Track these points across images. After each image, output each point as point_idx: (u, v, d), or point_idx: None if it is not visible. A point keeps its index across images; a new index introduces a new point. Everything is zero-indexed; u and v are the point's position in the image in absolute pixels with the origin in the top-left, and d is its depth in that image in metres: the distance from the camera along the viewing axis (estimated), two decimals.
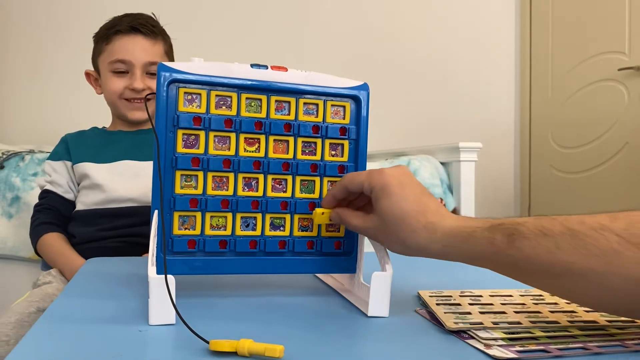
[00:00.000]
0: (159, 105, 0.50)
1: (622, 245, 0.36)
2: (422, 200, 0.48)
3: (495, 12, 2.56)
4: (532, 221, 0.41)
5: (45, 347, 0.39)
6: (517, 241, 0.41)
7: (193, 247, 0.52)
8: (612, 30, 2.21)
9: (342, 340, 0.43)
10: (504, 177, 2.59)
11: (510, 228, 0.41)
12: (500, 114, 2.58)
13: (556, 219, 0.40)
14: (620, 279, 0.37)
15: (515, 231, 0.41)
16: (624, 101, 2.17)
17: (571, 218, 0.39)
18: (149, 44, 1.15)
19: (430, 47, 2.42)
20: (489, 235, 0.43)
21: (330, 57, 2.26)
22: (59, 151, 1.16)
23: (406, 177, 0.49)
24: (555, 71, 2.46)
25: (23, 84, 1.96)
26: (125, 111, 1.16)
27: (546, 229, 0.39)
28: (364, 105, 0.57)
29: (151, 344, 0.41)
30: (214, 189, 0.53)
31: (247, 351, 0.37)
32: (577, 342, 0.42)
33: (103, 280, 0.63)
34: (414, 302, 0.55)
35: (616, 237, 0.36)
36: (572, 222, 0.39)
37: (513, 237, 0.41)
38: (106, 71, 1.15)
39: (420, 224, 0.46)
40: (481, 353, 0.39)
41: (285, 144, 0.55)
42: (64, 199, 1.12)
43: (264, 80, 0.53)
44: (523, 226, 0.41)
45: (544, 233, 0.39)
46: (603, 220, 0.37)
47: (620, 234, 0.36)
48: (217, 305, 0.52)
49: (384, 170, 0.50)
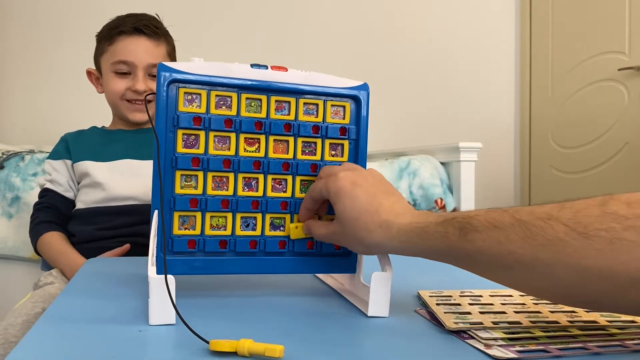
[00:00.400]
0: (159, 105, 0.50)
1: (568, 235, 0.36)
2: (375, 199, 0.48)
3: (495, 12, 2.56)
4: (483, 214, 0.41)
5: (45, 347, 0.38)
6: (469, 234, 0.41)
7: (193, 247, 0.52)
8: (612, 30, 2.21)
9: (342, 340, 0.43)
10: (504, 177, 2.59)
11: (462, 222, 0.42)
12: (500, 114, 2.58)
13: (507, 210, 0.40)
14: (566, 269, 0.36)
15: (467, 224, 0.41)
16: (624, 101, 2.17)
17: (522, 209, 0.39)
18: (152, 45, 1.14)
19: (430, 47, 2.42)
20: (442, 229, 0.43)
21: (330, 57, 2.26)
22: (58, 150, 1.16)
23: (360, 177, 0.50)
24: (555, 71, 2.46)
25: (23, 84, 1.96)
26: (126, 112, 1.16)
27: (497, 221, 0.40)
28: (364, 105, 0.57)
29: (151, 344, 0.41)
30: (214, 189, 0.53)
31: (247, 351, 0.37)
32: (577, 342, 0.42)
33: (103, 280, 0.63)
34: (414, 302, 0.55)
35: (563, 226, 0.36)
36: (522, 213, 0.39)
37: (465, 231, 0.41)
38: (108, 71, 1.14)
39: (375, 224, 0.47)
40: (481, 353, 0.39)
41: (285, 144, 0.55)
42: (64, 198, 1.12)
43: (264, 80, 0.53)
44: (475, 219, 0.41)
45: (494, 225, 0.40)
46: (551, 210, 0.38)
47: (567, 223, 0.36)
48: (217, 305, 0.52)
49: (338, 173, 0.51)
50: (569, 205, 0.37)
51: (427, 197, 1.64)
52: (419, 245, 0.45)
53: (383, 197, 0.49)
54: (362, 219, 0.48)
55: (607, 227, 0.34)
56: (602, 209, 0.35)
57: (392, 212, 0.47)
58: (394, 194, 0.50)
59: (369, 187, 0.49)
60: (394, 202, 0.49)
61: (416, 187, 1.64)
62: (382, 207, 0.48)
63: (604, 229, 0.34)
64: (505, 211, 0.40)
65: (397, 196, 0.50)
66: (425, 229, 0.44)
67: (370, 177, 0.51)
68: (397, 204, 0.49)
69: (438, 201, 1.64)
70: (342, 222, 0.50)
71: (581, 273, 0.36)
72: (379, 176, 0.52)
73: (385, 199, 0.49)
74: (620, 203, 0.35)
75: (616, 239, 0.34)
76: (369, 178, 0.51)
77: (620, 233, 0.34)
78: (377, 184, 0.50)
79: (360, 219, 0.48)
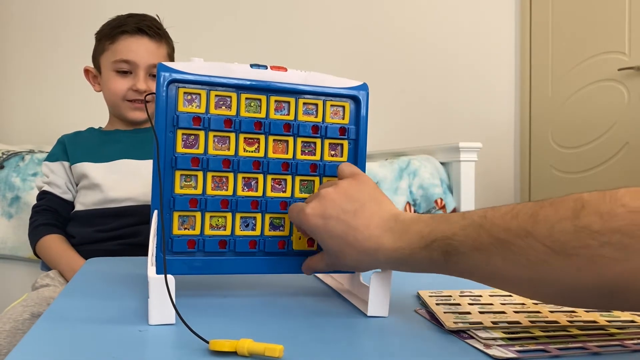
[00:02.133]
0: (158, 105, 0.50)
1: (548, 255, 0.36)
2: (350, 229, 0.47)
3: (495, 12, 2.56)
4: (461, 233, 0.41)
5: (45, 347, 0.39)
6: (453, 257, 0.42)
7: (193, 247, 0.52)
8: (612, 30, 2.21)
9: (342, 340, 0.43)
10: (504, 177, 2.59)
11: (444, 245, 0.42)
12: (500, 114, 2.58)
13: (483, 226, 0.40)
14: (551, 287, 0.38)
15: (449, 247, 0.42)
16: (624, 101, 2.17)
17: (496, 224, 0.39)
18: (154, 46, 1.15)
19: (430, 47, 2.42)
20: (426, 254, 0.43)
21: (329, 57, 2.26)
22: (56, 152, 1.16)
23: (329, 207, 0.49)
24: (555, 71, 2.46)
25: (23, 84, 1.96)
26: (127, 112, 1.15)
27: (477, 241, 0.40)
28: (364, 105, 0.57)
29: (151, 344, 0.41)
30: (214, 189, 0.53)
31: (247, 351, 0.37)
32: (577, 342, 0.42)
33: (103, 280, 0.63)
34: (414, 302, 0.55)
35: (542, 246, 0.36)
36: (499, 229, 0.39)
37: (449, 254, 0.42)
38: (108, 70, 1.14)
39: (360, 254, 0.47)
40: (481, 353, 0.39)
41: (285, 144, 0.55)
42: (62, 200, 1.12)
43: (264, 81, 0.53)
44: (455, 240, 0.41)
45: (475, 247, 0.40)
46: (526, 224, 0.37)
47: (544, 242, 0.36)
48: (217, 305, 0.52)
49: (305, 209, 0.50)
50: (542, 217, 0.37)
51: (427, 197, 1.64)
52: (409, 267, 0.46)
53: (358, 221, 0.47)
54: (345, 251, 0.48)
55: (584, 244, 0.34)
56: (575, 223, 0.35)
57: (371, 239, 0.46)
58: (365, 205, 0.48)
59: (340, 214, 0.48)
60: (370, 223, 0.47)
61: (416, 187, 1.64)
62: (359, 235, 0.47)
63: (582, 246, 0.34)
64: (482, 226, 0.40)
65: (370, 208, 0.48)
66: (412, 256, 0.44)
67: (339, 197, 0.49)
68: (372, 222, 0.47)
69: (438, 201, 1.64)
70: (330, 256, 0.50)
71: (565, 289, 0.37)
72: (347, 189, 0.50)
73: (360, 221, 0.47)
74: (592, 214, 0.34)
75: (595, 256, 0.34)
76: (338, 200, 0.49)
77: (597, 250, 0.34)
78: (346, 204, 0.48)
79: (345, 252, 0.48)
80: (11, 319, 0.82)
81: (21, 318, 0.82)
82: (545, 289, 0.39)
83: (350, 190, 0.49)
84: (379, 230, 0.47)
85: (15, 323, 0.81)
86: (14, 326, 0.81)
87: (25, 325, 0.82)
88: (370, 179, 0.52)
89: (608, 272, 0.34)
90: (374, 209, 0.48)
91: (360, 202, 0.48)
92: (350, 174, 0.52)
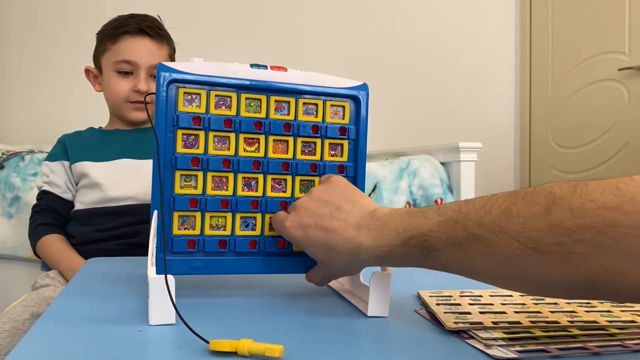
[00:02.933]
0: (158, 105, 0.50)
1: (523, 251, 0.36)
2: (328, 235, 0.48)
3: (495, 12, 2.56)
4: (437, 229, 0.42)
5: (45, 347, 0.38)
6: (431, 252, 0.42)
7: (193, 247, 0.52)
8: (612, 30, 2.21)
9: (342, 340, 0.43)
10: (504, 177, 2.59)
11: (420, 242, 0.43)
12: (500, 114, 2.58)
13: (458, 222, 0.40)
14: (528, 282, 0.38)
15: (426, 243, 0.42)
16: (624, 101, 2.17)
17: (470, 219, 0.39)
18: (155, 47, 1.15)
19: (430, 47, 2.42)
20: (405, 250, 0.44)
21: (330, 57, 2.26)
22: (55, 152, 1.16)
23: (305, 216, 0.49)
24: (555, 71, 2.46)
25: (23, 84, 1.96)
26: (128, 112, 1.15)
27: (452, 237, 0.40)
28: (364, 105, 0.57)
29: (151, 344, 0.41)
30: (214, 189, 0.53)
31: (247, 351, 0.37)
32: (577, 342, 0.42)
33: (103, 280, 0.63)
34: (414, 302, 0.55)
35: (515, 242, 0.36)
36: (472, 225, 0.39)
37: (426, 250, 0.42)
38: (109, 70, 1.14)
39: (345, 256, 0.47)
40: (481, 353, 0.39)
41: (285, 144, 0.55)
42: (62, 199, 1.12)
43: (264, 80, 0.53)
44: (431, 237, 0.42)
45: (451, 243, 0.40)
46: (499, 220, 0.37)
47: (518, 239, 0.36)
48: (217, 305, 0.52)
49: (284, 223, 0.51)
50: (515, 212, 0.37)
51: (427, 197, 1.64)
52: (391, 263, 0.47)
53: (335, 223, 0.48)
54: (332, 257, 0.48)
55: (557, 241, 0.34)
56: (548, 219, 0.35)
57: (350, 240, 0.46)
58: (340, 206, 0.48)
59: (317, 220, 0.48)
60: (346, 224, 0.47)
61: (416, 187, 1.64)
62: (338, 238, 0.47)
63: (555, 243, 0.34)
64: (456, 222, 0.40)
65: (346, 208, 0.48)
66: (391, 252, 0.45)
67: (313, 204, 0.49)
68: (349, 222, 0.47)
69: (438, 201, 1.63)
70: (322, 264, 0.51)
71: (542, 284, 0.37)
72: (320, 195, 0.50)
73: (337, 223, 0.47)
74: (564, 210, 0.34)
75: (569, 254, 0.34)
76: (312, 208, 0.49)
77: (571, 247, 0.34)
78: (321, 209, 0.49)
79: (332, 258, 0.48)
80: (11, 319, 0.82)
81: (21, 318, 0.82)
82: (523, 284, 0.39)
83: (323, 195, 0.50)
84: (356, 231, 0.47)
85: (15, 323, 0.81)
86: (14, 326, 0.81)
87: (25, 325, 0.82)
88: (343, 179, 0.52)
89: (583, 269, 0.34)
90: (350, 209, 0.48)
91: (335, 204, 0.49)
92: (323, 180, 0.54)
